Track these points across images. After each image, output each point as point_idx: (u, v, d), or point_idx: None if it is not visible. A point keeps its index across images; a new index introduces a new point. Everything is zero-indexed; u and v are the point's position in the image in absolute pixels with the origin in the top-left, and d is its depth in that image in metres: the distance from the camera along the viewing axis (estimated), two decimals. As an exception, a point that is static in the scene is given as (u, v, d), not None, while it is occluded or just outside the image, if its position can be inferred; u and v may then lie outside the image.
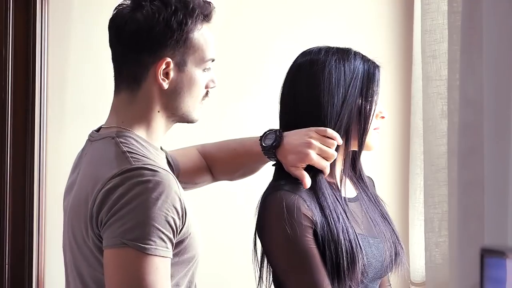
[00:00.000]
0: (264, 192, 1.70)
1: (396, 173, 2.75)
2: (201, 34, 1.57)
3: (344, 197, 1.73)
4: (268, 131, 1.77)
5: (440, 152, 2.05)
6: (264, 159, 1.80)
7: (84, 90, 2.47)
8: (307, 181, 1.66)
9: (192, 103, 1.58)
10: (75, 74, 2.45)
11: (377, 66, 1.75)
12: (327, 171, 1.69)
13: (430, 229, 2.05)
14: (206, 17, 1.58)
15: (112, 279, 1.43)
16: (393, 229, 1.78)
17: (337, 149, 1.70)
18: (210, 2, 1.59)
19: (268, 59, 2.59)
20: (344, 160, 1.75)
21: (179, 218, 1.46)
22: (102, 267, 1.47)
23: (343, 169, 1.75)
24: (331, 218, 1.64)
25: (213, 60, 1.61)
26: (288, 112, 1.75)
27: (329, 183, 1.73)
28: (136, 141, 1.54)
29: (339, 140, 1.69)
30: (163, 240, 1.43)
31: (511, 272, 1.06)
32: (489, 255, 1.08)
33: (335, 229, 1.64)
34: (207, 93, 1.62)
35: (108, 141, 1.54)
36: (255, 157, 1.81)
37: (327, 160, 1.69)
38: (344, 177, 1.75)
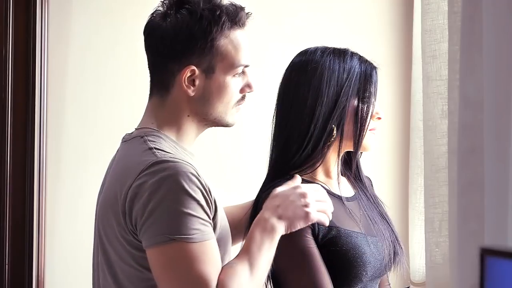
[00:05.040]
0: (260, 192, 1.70)
1: (396, 173, 2.75)
2: (230, 41, 1.57)
3: (342, 196, 1.73)
4: None
5: (440, 152, 2.05)
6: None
7: (84, 90, 2.47)
8: (328, 216, 1.59)
9: (223, 109, 1.59)
10: (75, 74, 2.45)
11: (375, 68, 1.74)
12: (327, 222, 1.59)
13: (430, 229, 2.05)
14: (236, 23, 1.57)
15: (165, 276, 1.45)
16: (392, 229, 1.77)
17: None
18: (242, 8, 1.59)
19: (267, 59, 2.59)
20: (338, 159, 1.74)
21: (207, 202, 1.48)
22: (134, 262, 1.49)
23: (337, 167, 1.75)
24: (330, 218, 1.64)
25: (246, 66, 1.60)
26: (282, 111, 1.74)
27: (325, 182, 1.73)
28: (165, 140, 1.56)
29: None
30: (204, 225, 1.46)
31: (511, 272, 1.05)
32: (489, 255, 1.08)
33: (334, 228, 1.64)
34: (243, 98, 1.63)
35: (137, 140, 1.57)
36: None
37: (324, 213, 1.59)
38: (339, 176, 1.75)
